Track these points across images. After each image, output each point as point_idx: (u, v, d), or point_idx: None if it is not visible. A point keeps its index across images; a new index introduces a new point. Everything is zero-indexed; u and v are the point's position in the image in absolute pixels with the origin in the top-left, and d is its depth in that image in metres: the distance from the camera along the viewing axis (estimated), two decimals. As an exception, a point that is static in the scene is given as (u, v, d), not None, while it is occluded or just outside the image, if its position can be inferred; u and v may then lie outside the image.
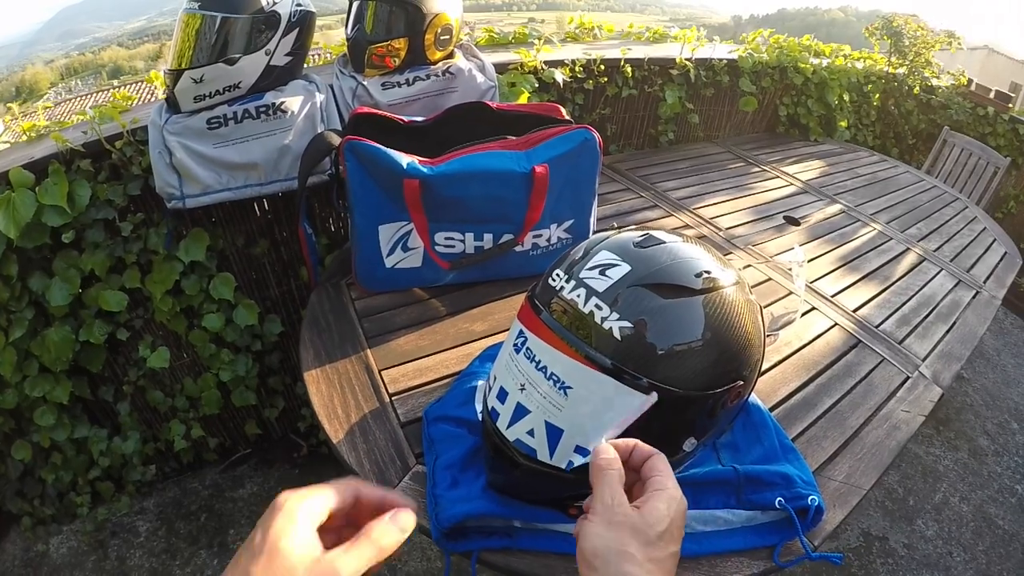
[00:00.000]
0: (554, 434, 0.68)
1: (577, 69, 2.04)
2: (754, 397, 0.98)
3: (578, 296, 0.65)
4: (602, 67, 2.11)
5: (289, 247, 1.75)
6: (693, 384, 0.65)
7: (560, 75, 1.92)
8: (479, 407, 0.88)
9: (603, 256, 0.68)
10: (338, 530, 0.43)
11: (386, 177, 1.10)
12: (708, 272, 0.67)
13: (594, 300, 0.64)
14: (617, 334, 0.62)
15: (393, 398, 0.98)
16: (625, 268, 0.65)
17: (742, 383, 0.69)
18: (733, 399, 0.70)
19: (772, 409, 1.07)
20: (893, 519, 2.10)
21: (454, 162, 1.12)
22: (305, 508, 0.41)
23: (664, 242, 0.69)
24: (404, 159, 1.10)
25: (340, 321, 1.15)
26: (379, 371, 1.04)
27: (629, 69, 2.19)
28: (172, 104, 1.31)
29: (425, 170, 1.09)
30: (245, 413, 1.95)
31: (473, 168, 1.11)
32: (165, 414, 1.80)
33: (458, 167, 1.11)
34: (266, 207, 1.69)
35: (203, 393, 1.77)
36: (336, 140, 1.16)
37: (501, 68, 1.79)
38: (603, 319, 0.63)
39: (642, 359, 0.63)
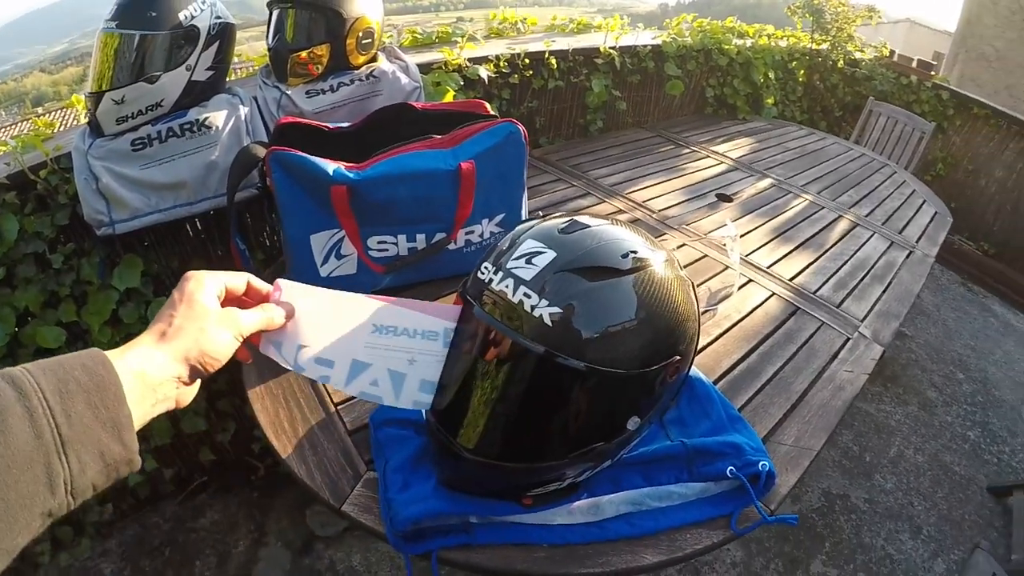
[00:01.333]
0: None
1: (502, 64, 2.03)
2: (697, 371, 0.99)
3: (507, 287, 0.65)
4: (527, 61, 2.11)
5: (225, 266, 1.65)
6: (630, 363, 0.65)
7: (485, 71, 1.92)
8: None
9: (529, 245, 0.68)
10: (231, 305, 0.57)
11: (313, 185, 1.08)
12: (635, 252, 0.67)
13: (522, 289, 0.64)
14: (547, 320, 0.62)
15: (339, 408, 0.96)
16: (551, 255, 0.66)
17: (679, 358, 0.70)
18: (672, 374, 0.70)
19: (716, 382, 1.09)
20: (852, 477, 2.17)
21: (380, 165, 1.10)
22: (210, 278, 0.55)
23: (589, 226, 0.70)
24: (330, 166, 1.08)
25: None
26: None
27: (554, 61, 2.20)
28: (95, 128, 1.27)
29: (352, 175, 1.08)
30: (197, 440, 1.88)
31: (400, 170, 1.10)
32: (116, 450, 1.72)
33: (384, 170, 1.10)
34: (198, 226, 1.64)
35: (153, 425, 1.70)
36: (262, 152, 1.12)
37: (425, 68, 1.78)
38: (532, 307, 0.63)
39: (575, 343, 0.63)
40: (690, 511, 0.82)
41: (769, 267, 1.57)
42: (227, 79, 1.45)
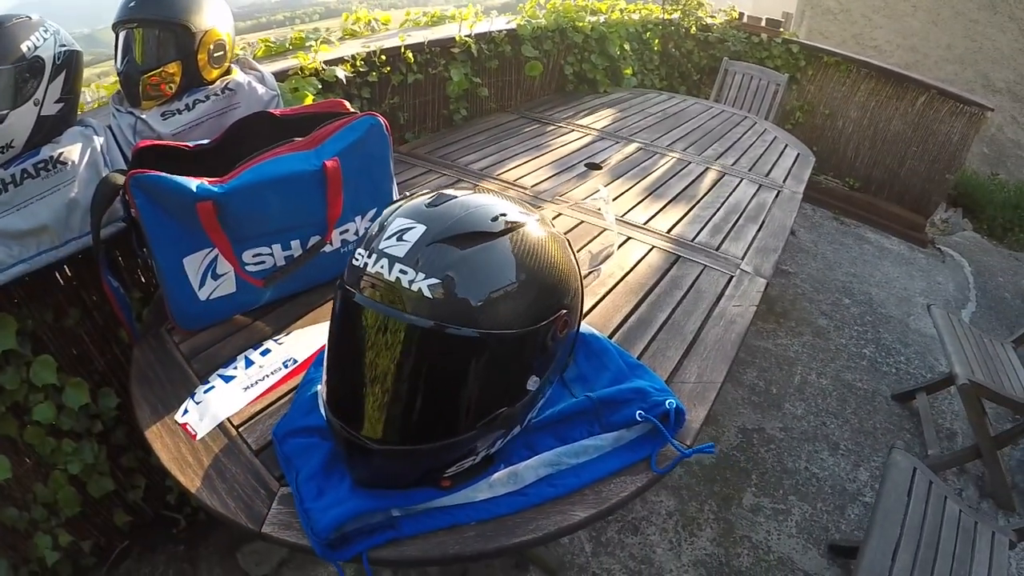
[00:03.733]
0: None
1: (359, 63, 2.01)
2: (590, 328, 1.02)
3: (382, 267, 0.65)
4: (383, 57, 2.10)
5: (103, 311, 1.59)
6: (518, 323, 0.67)
7: (342, 72, 1.90)
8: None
9: (398, 223, 0.68)
10: None
11: (178, 205, 1.03)
12: (504, 215, 0.69)
13: (398, 266, 0.64)
14: (428, 292, 0.63)
15: (240, 429, 0.92)
16: (421, 228, 0.66)
17: (566, 311, 0.71)
18: (562, 329, 0.72)
19: (611, 336, 1.12)
20: (763, 410, 2.30)
21: (244, 175, 1.07)
22: None
23: (455, 196, 0.71)
24: (193, 182, 1.03)
25: (168, 369, 1.07)
26: (221, 407, 0.98)
27: (411, 55, 2.20)
28: None
29: (216, 189, 1.04)
30: (109, 503, 1.76)
31: (264, 177, 1.07)
32: (26, 530, 1.59)
33: (248, 179, 1.06)
34: (68, 272, 1.53)
35: (58, 494, 1.57)
36: (121, 180, 1.06)
37: (281, 76, 1.75)
38: (411, 282, 0.63)
39: (462, 312, 0.64)
40: (609, 461, 0.84)
41: (645, 223, 1.64)
42: (78, 111, 1.36)
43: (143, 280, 1.65)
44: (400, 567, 0.76)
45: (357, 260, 0.69)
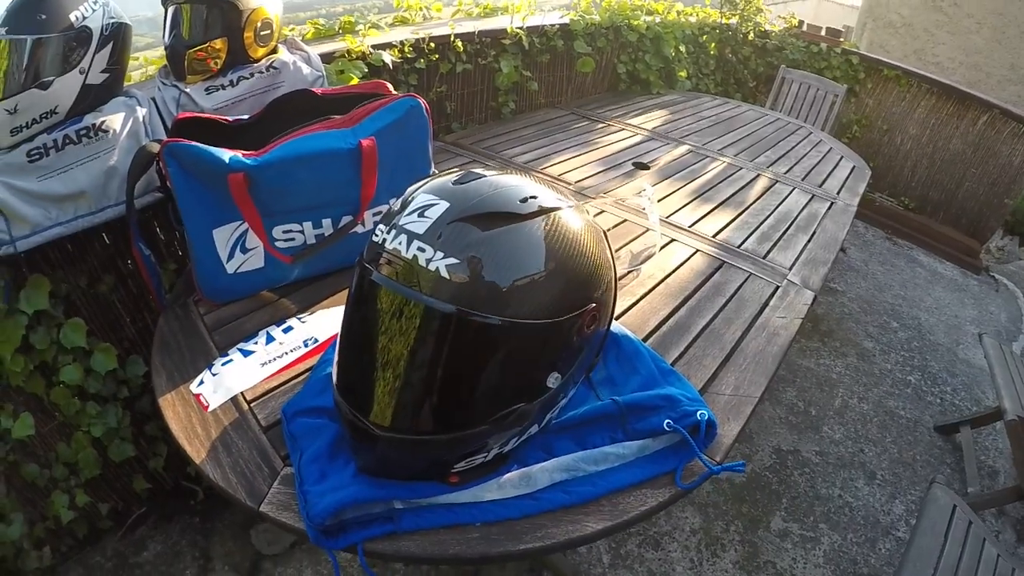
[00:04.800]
0: None
1: (407, 49, 1.98)
2: (623, 328, 0.97)
3: (400, 244, 0.61)
4: (432, 45, 2.07)
5: (137, 280, 1.60)
6: (541, 313, 0.62)
7: (389, 56, 1.87)
8: None
9: (421, 199, 0.64)
10: None
11: (210, 176, 1.02)
12: (535, 197, 0.64)
13: (416, 244, 0.60)
14: (446, 273, 0.59)
15: (252, 404, 0.90)
16: (444, 205, 0.62)
17: (595, 306, 0.67)
18: (589, 324, 0.67)
19: (645, 339, 1.07)
20: (800, 431, 2.20)
21: (277, 150, 1.05)
22: None
23: (484, 176, 0.66)
24: (226, 154, 1.02)
25: (190, 339, 1.06)
26: (236, 380, 0.96)
27: (460, 44, 2.17)
28: None
29: (249, 162, 1.02)
30: (129, 469, 1.78)
31: (297, 153, 1.05)
32: (45, 488, 1.61)
33: (282, 154, 1.04)
34: (106, 240, 1.54)
35: (79, 455, 1.59)
36: (157, 148, 1.06)
37: (328, 57, 1.73)
38: (428, 261, 0.59)
39: (482, 297, 0.60)
40: (630, 472, 0.79)
41: (691, 226, 1.58)
42: (124, 84, 1.38)
43: (179, 253, 1.66)
44: (395, 562, 0.72)
45: (377, 236, 0.65)
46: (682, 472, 0.79)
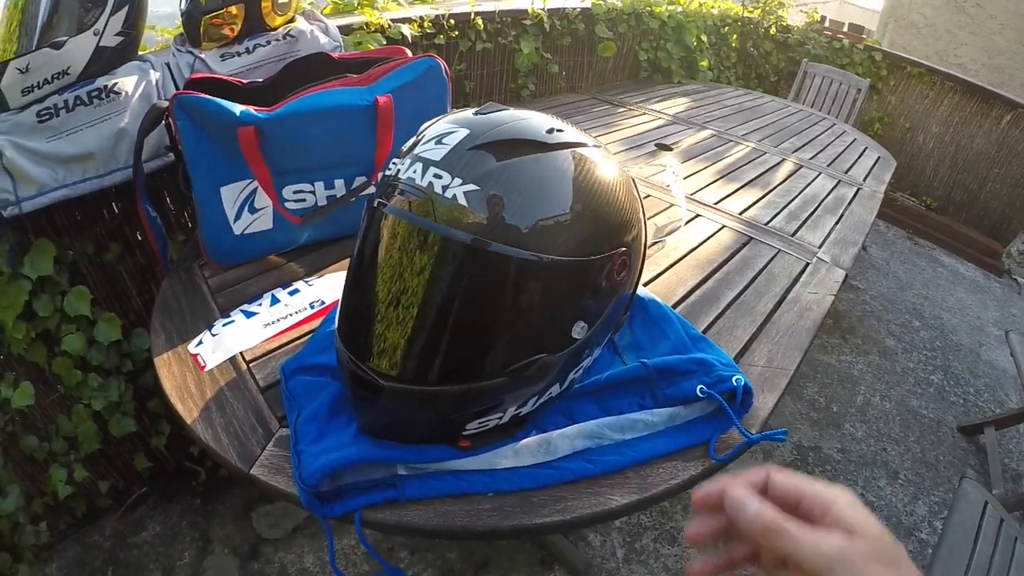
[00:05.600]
0: None
1: (426, 25, 1.95)
2: (649, 293, 0.91)
3: (415, 172, 0.56)
4: (452, 22, 2.04)
5: (145, 251, 1.56)
6: (569, 251, 0.56)
7: (408, 30, 1.84)
8: None
9: (438, 128, 0.59)
10: None
11: (220, 130, 0.97)
12: (561, 130, 0.59)
13: (432, 170, 0.55)
14: (464, 200, 0.53)
15: (251, 364, 0.85)
16: (463, 132, 0.57)
17: (625, 250, 0.61)
18: (620, 271, 0.61)
19: (673, 307, 1.01)
20: (821, 428, 2.13)
21: (290, 104, 1.00)
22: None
23: (507, 108, 0.61)
24: (237, 107, 0.97)
25: (192, 301, 1.01)
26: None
27: (480, 22, 2.13)
28: (0, 102, 1.16)
29: (260, 116, 0.97)
30: (131, 446, 1.74)
31: (311, 108, 1.00)
32: (44, 461, 1.58)
33: (295, 109, 0.99)
34: (115, 209, 1.51)
35: (79, 429, 1.55)
36: (167, 104, 1.01)
37: (346, 29, 1.70)
38: (444, 187, 0.53)
39: (504, 228, 0.53)
40: (659, 442, 0.71)
41: (716, 203, 1.53)
42: (138, 51, 1.35)
43: (188, 225, 1.62)
44: (396, 534, 0.66)
45: (390, 169, 0.60)
46: (716, 443, 0.72)
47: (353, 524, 0.62)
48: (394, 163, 0.59)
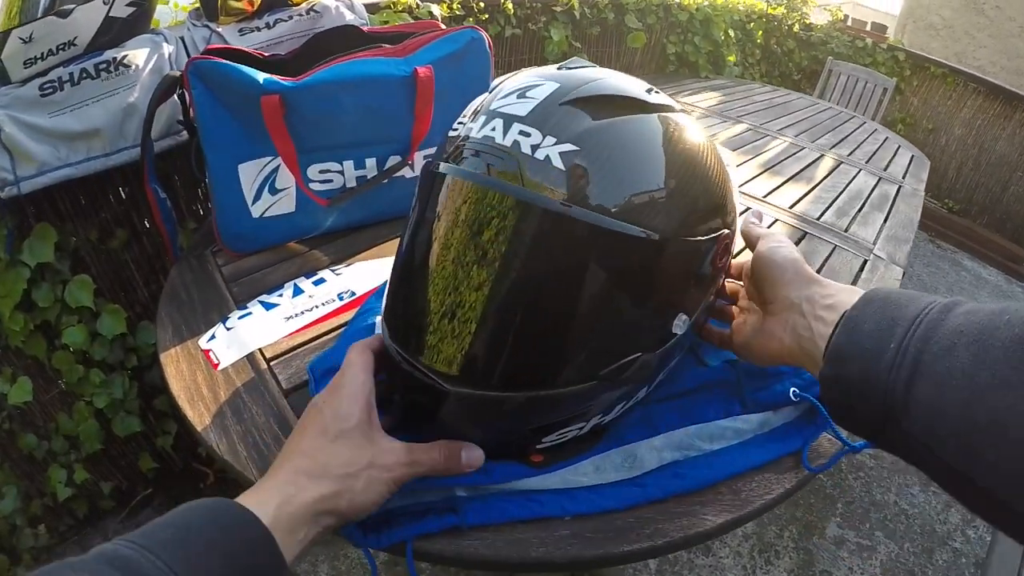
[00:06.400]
0: None
1: (455, 6, 1.89)
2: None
3: (493, 130, 0.46)
4: (482, 4, 1.98)
5: (153, 238, 1.48)
6: (676, 228, 0.47)
7: (437, 10, 1.77)
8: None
9: (519, 80, 0.50)
10: None
11: (241, 100, 0.87)
12: (657, 91, 0.52)
13: (517, 127, 0.45)
14: (558, 162, 0.43)
15: (272, 363, 0.74)
16: (552, 85, 0.47)
17: (729, 233, 0.52)
18: (723, 255, 0.53)
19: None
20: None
21: (320, 73, 0.90)
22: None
23: (596, 66, 0.52)
24: (261, 75, 0.87)
25: (204, 290, 0.91)
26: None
27: (510, 6, 2.08)
28: (1, 75, 1.08)
29: (287, 83, 0.87)
30: (136, 446, 1.65)
31: (343, 77, 0.90)
32: (44, 461, 1.49)
33: (325, 77, 0.89)
34: (122, 194, 1.42)
35: (80, 427, 1.47)
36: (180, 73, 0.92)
37: (372, 7, 1.63)
38: (534, 147, 0.44)
39: (607, 198, 0.44)
40: (752, 451, 0.62)
41: (764, 196, 1.48)
42: (150, 25, 1.27)
43: (200, 212, 1.53)
44: (458, 567, 0.56)
45: (454, 131, 0.51)
46: (808, 452, 0.63)
47: (404, 557, 0.51)
48: (459, 123, 0.50)
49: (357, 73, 0.91)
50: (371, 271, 0.91)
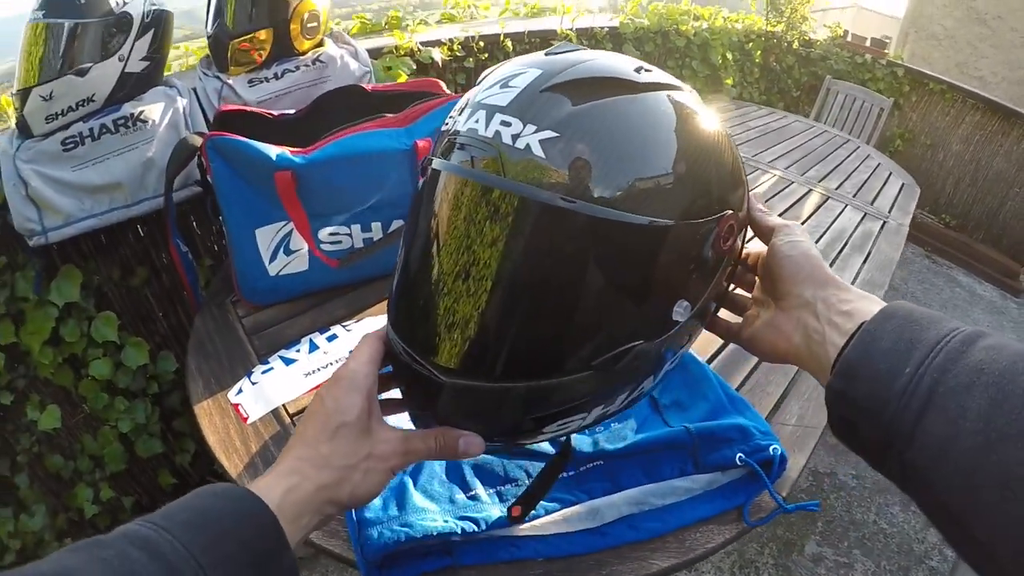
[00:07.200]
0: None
1: (455, 47, 1.96)
2: (689, 350, 0.90)
3: (476, 122, 0.46)
4: (481, 44, 2.05)
5: (171, 274, 1.58)
6: (669, 210, 0.45)
7: (438, 54, 1.84)
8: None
9: (504, 71, 0.49)
10: None
11: (255, 173, 0.98)
12: (649, 70, 0.50)
13: (498, 117, 0.45)
14: (538, 150, 0.43)
15: (294, 418, 0.86)
16: (534, 72, 0.47)
17: (732, 213, 0.50)
18: (727, 237, 0.50)
19: (709, 361, 1.01)
20: (836, 453, 2.14)
21: (328, 148, 1.00)
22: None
23: (584, 48, 0.53)
24: (273, 150, 0.98)
25: (228, 342, 1.02)
26: (277, 391, 0.91)
27: (509, 44, 2.14)
28: (23, 129, 1.16)
29: (297, 159, 0.98)
30: (156, 463, 1.75)
31: (349, 151, 1.00)
32: (70, 479, 1.60)
33: (332, 152, 1.00)
34: (140, 232, 1.52)
35: (105, 449, 1.57)
36: (199, 141, 1.02)
37: (375, 53, 1.70)
38: (514, 136, 0.43)
39: (591, 183, 0.43)
40: (698, 506, 0.73)
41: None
42: (164, 73, 1.36)
43: (215, 249, 1.63)
44: None
45: (447, 124, 0.50)
46: (750, 508, 0.74)
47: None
48: (451, 117, 0.50)
49: (362, 148, 1.01)
50: (379, 326, 1.01)
